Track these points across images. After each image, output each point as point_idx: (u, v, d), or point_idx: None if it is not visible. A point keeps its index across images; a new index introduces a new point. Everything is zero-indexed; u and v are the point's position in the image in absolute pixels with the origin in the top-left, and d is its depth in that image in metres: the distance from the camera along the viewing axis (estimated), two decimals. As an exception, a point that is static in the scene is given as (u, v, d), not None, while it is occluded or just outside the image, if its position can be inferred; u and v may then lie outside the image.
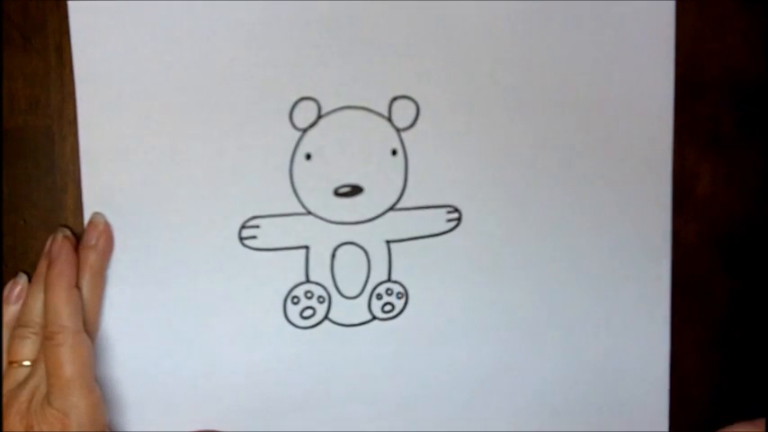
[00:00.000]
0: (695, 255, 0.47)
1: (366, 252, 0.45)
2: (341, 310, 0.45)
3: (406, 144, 0.44)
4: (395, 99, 0.44)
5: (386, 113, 0.44)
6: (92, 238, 0.42)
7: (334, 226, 0.44)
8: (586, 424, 0.47)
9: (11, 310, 0.42)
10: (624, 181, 0.46)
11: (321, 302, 0.45)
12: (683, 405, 0.48)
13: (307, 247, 0.44)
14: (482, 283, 0.46)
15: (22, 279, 0.43)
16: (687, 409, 0.48)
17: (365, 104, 0.44)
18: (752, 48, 0.47)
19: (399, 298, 0.45)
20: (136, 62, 0.42)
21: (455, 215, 0.45)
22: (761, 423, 0.40)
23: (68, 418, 0.39)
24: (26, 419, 0.40)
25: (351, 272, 0.45)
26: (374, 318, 0.45)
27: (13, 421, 0.40)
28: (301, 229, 0.44)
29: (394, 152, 0.44)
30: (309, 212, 0.44)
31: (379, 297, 0.45)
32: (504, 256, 0.45)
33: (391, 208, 0.45)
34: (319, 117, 0.44)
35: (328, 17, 0.43)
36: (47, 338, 0.40)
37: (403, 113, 0.44)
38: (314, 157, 0.44)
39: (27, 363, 0.41)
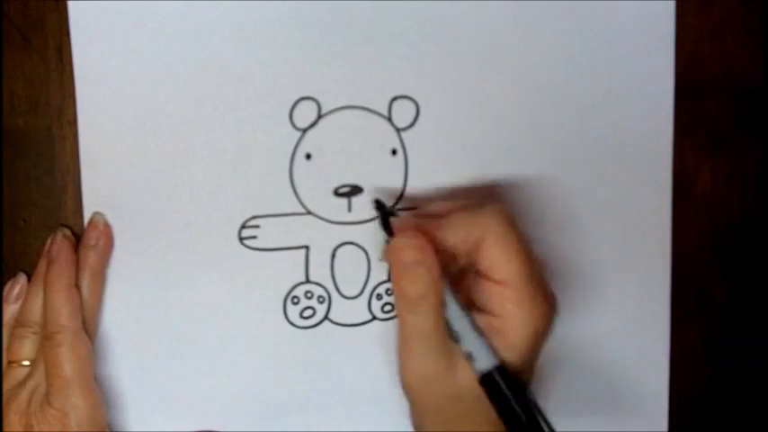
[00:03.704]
0: (695, 255, 0.47)
1: (366, 252, 0.45)
2: (341, 310, 0.45)
3: (406, 144, 0.44)
4: (395, 99, 0.44)
5: (386, 113, 0.44)
6: (92, 238, 0.42)
7: (334, 226, 0.44)
8: (586, 424, 0.47)
9: (10, 310, 0.42)
10: (624, 181, 0.46)
11: (321, 302, 0.45)
12: (683, 405, 0.48)
13: (307, 247, 0.44)
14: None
15: (22, 279, 0.43)
16: (687, 409, 0.48)
17: (365, 104, 0.44)
18: (752, 48, 0.47)
19: (399, 298, 0.45)
20: (136, 62, 0.42)
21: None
22: None
23: (68, 418, 0.39)
24: (26, 419, 0.40)
25: (351, 272, 0.45)
26: (374, 318, 0.45)
27: (13, 421, 0.40)
28: (301, 229, 0.44)
29: (394, 152, 0.44)
30: (309, 212, 0.44)
31: (379, 297, 0.45)
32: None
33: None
34: (319, 117, 0.44)
35: (328, 17, 0.43)
36: (46, 338, 0.40)
37: (403, 113, 0.44)
38: (314, 157, 0.44)
39: (26, 362, 0.41)
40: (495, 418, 0.33)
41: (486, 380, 0.33)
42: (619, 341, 0.47)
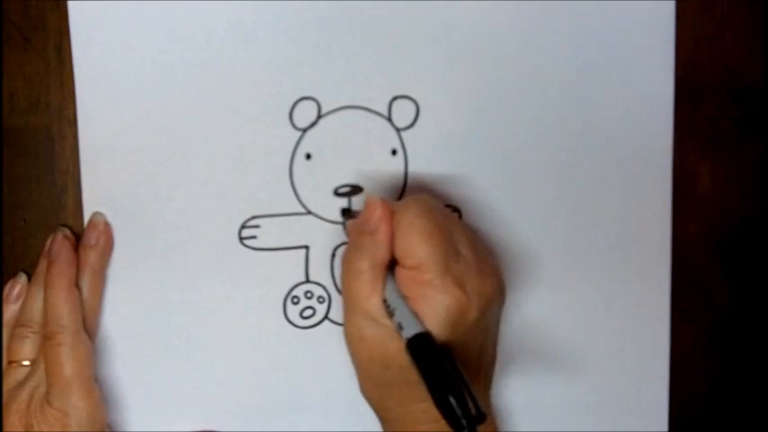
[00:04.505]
0: (695, 255, 0.47)
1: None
2: (341, 310, 0.45)
3: (406, 144, 0.44)
4: (395, 99, 0.44)
5: (386, 113, 0.44)
6: (92, 238, 0.42)
7: (334, 226, 0.44)
8: (586, 423, 0.47)
9: (10, 310, 0.42)
10: (624, 181, 0.46)
11: (321, 302, 0.45)
12: (683, 405, 0.48)
13: (307, 247, 0.44)
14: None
15: (22, 278, 0.43)
16: (687, 409, 0.48)
17: (365, 104, 0.44)
18: (752, 48, 0.47)
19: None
20: (136, 62, 0.42)
21: (455, 215, 0.45)
22: None
23: (68, 418, 0.39)
24: (26, 419, 0.40)
25: (351, 272, 0.45)
26: (374, 318, 0.45)
27: (13, 421, 0.40)
28: (301, 229, 0.44)
29: (394, 152, 0.44)
30: (309, 212, 0.44)
31: (379, 297, 0.45)
32: (503, 257, 0.45)
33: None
34: (319, 117, 0.44)
35: (328, 17, 0.43)
36: (46, 338, 0.40)
37: (403, 113, 0.44)
38: (314, 157, 0.44)
39: (27, 362, 0.41)
40: (420, 387, 0.34)
41: (411, 344, 0.35)
42: (619, 341, 0.47)
